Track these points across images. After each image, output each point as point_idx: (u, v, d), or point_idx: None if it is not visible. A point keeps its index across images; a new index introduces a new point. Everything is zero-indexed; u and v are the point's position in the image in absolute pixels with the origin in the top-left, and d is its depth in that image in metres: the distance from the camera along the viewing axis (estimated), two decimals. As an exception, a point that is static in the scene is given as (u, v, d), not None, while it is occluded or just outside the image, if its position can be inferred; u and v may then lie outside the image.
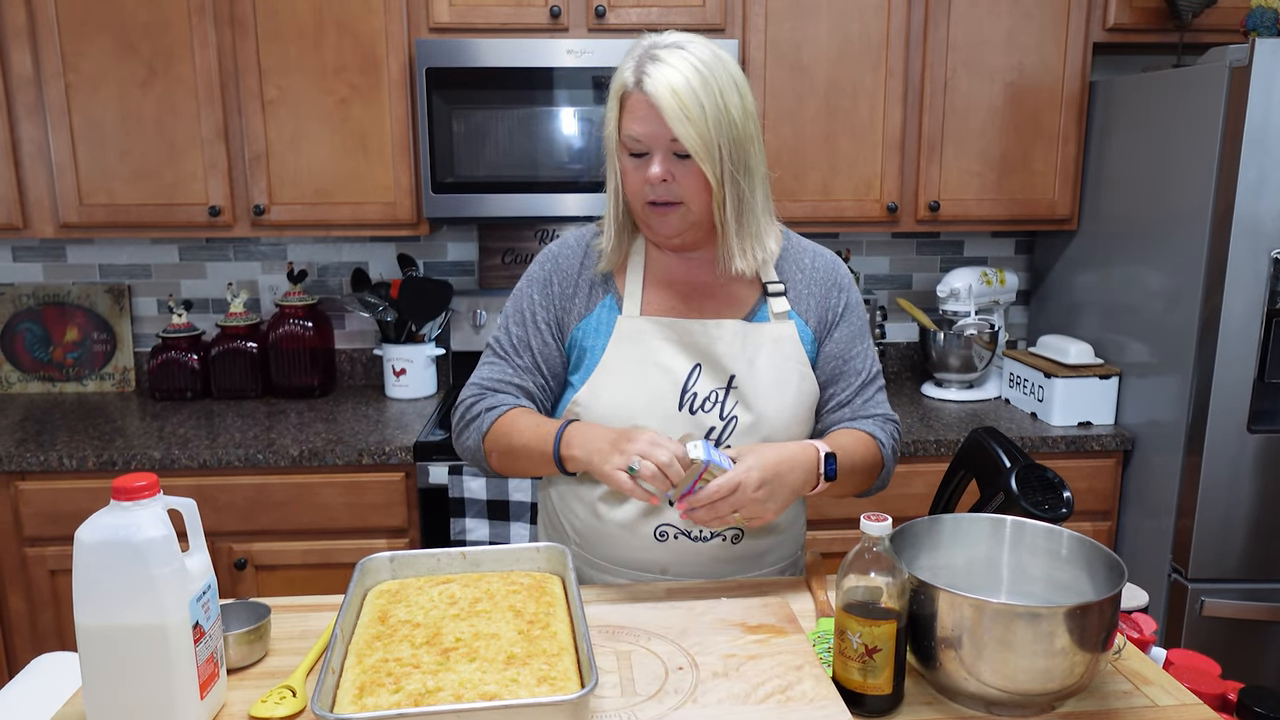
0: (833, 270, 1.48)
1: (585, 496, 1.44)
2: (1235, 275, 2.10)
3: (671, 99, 1.25)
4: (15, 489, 2.26)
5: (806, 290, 1.45)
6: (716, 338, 1.39)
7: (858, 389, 1.46)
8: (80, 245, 2.85)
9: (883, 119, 2.55)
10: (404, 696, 0.97)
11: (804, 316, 1.44)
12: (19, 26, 2.37)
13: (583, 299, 1.44)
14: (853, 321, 1.47)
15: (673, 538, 1.41)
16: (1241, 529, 2.21)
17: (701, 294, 1.43)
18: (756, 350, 1.40)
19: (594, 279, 1.45)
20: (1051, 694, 1.04)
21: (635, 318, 1.41)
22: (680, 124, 1.25)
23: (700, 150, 1.27)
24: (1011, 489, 1.33)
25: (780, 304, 1.43)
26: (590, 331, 1.43)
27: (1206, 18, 2.49)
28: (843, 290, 1.47)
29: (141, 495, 1.00)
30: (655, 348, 1.39)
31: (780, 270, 1.45)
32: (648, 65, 1.28)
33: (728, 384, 1.39)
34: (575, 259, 1.46)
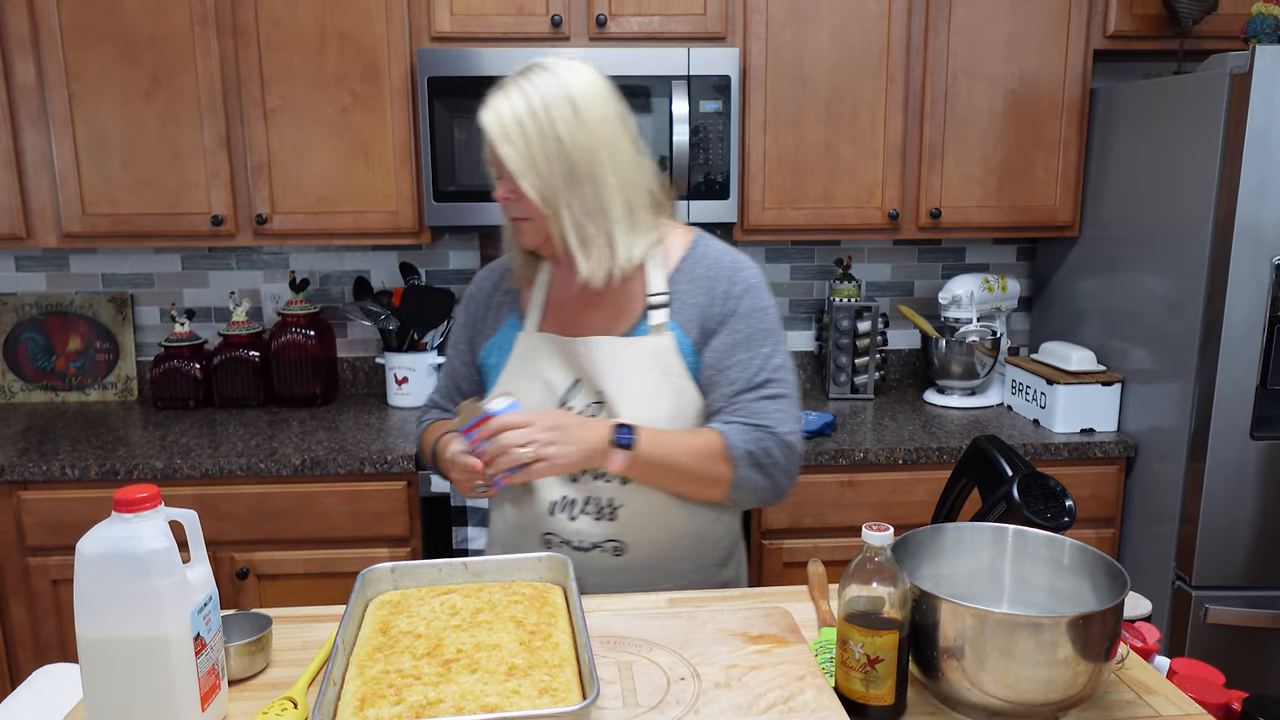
0: (726, 279, 1.44)
1: (493, 503, 1.55)
2: (1237, 282, 2.10)
3: (495, 124, 1.34)
4: (18, 499, 2.27)
5: (691, 300, 1.43)
6: (585, 355, 1.42)
7: (730, 397, 1.41)
8: (83, 255, 2.86)
9: (884, 126, 2.55)
10: (405, 708, 0.97)
11: (685, 327, 1.43)
12: (23, 36, 2.38)
13: (492, 319, 1.54)
14: (737, 329, 1.42)
15: (556, 545, 1.45)
16: (1245, 536, 2.20)
17: (592, 308, 1.46)
18: (629, 365, 1.41)
19: (503, 299, 1.54)
20: (1054, 704, 1.04)
21: (532, 334, 1.49)
22: (503, 146, 1.34)
23: (520, 170, 1.34)
24: (1013, 497, 1.33)
25: (659, 316, 1.42)
26: (495, 349, 1.52)
27: (1207, 24, 2.49)
28: (731, 298, 1.43)
29: (143, 507, 1.00)
30: (543, 363, 1.46)
31: (672, 281, 1.45)
32: (493, 93, 1.37)
33: (600, 398, 1.42)
34: (489, 281, 1.57)
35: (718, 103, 2.43)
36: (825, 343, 2.89)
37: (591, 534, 1.43)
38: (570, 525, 1.43)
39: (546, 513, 1.44)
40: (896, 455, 2.37)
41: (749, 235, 2.60)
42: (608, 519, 1.43)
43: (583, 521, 1.43)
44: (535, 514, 1.45)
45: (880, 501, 2.40)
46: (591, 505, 1.42)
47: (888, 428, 2.54)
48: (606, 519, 1.43)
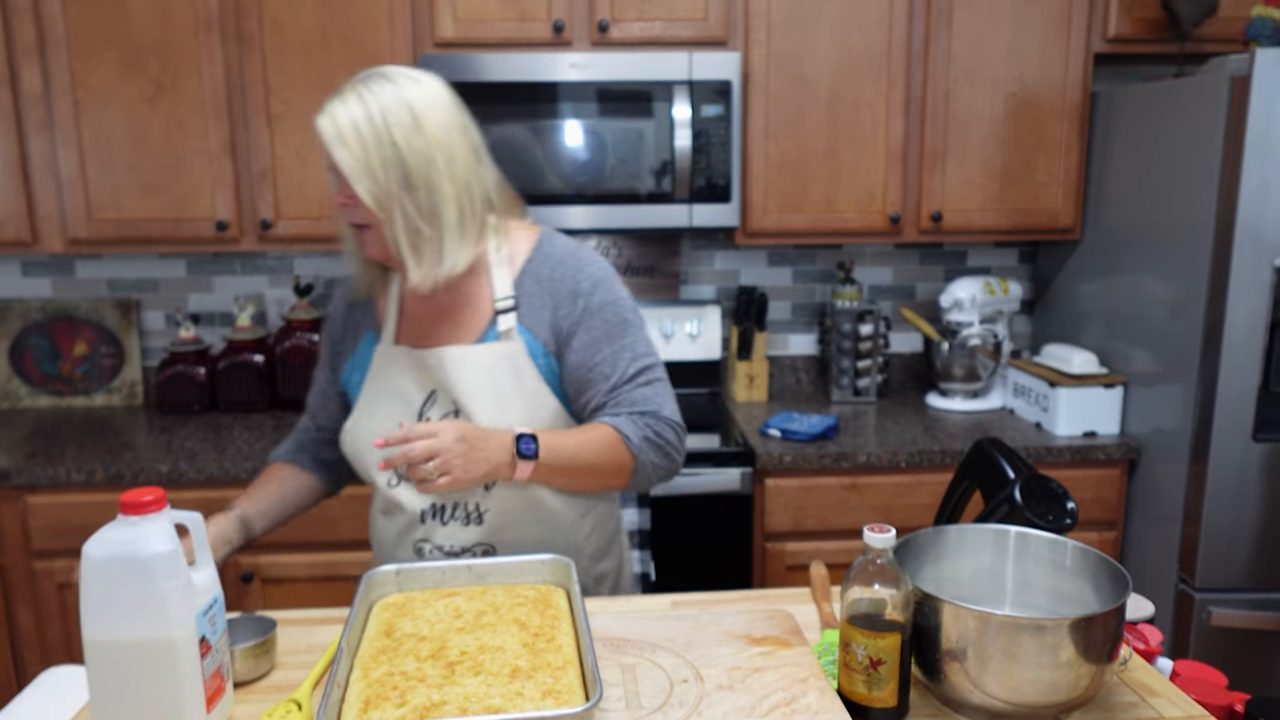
0: (572, 278, 1.44)
1: (369, 516, 1.54)
2: (1239, 284, 2.10)
3: (330, 129, 1.33)
4: (24, 503, 2.27)
5: (540, 303, 1.43)
6: (436, 366, 1.42)
7: (608, 392, 1.43)
8: (89, 260, 2.87)
9: (885, 130, 2.55)
10: (409, 710, 0.98)
11: (534, 331, 1.43)
12: (29, 44, 2.39)
13: (351, 337, 1.54)
14: (594, 326, 1.43)
15: (428, 553, 1.45)
16: (1248, 538, 2.20)
17: (443, 318, 1.46)
18: (480, 373, 1.40)
19: (360, 316, 1.53)
20: (1057, 706, 1.04)
21: (387, 347, 1.47)
22: (337, 150, 1.32)
23: (355, 174, 1.32)
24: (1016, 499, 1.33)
25: (507, 321, 1.42)
26: (355, 367, 1.52)
27: (1207, 28, 2.49)
28: (580, 296, 1.43)
29: (148, 510, 1.00)
30: (398, 377, 1.45)
31: (519, 284, 1.44)
32: (330, 99, 1.36)
33: (455, 407, 1.42)
34: (344, 299, 1.57)
35: (719, 107, 2.44)
36: (827, 346, 2.89)
37: (462, 539, 1.44)
38: (441, 531, 1.44)
39: (418, 520, 1.44)
40: (899, 458, 2.37)
41: (751, 239, 2.61)
42: (475, 524, 1.43)
43: (452, 527, 1.43)
44: (407, 522, 1.45)
45: (882, 504, 2.40)
46: (460, 511, 1.43)
47: (890, 431, 2.54)
48: (475, 524, 1.43)
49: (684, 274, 2.97)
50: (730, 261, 2.97)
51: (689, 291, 2.98)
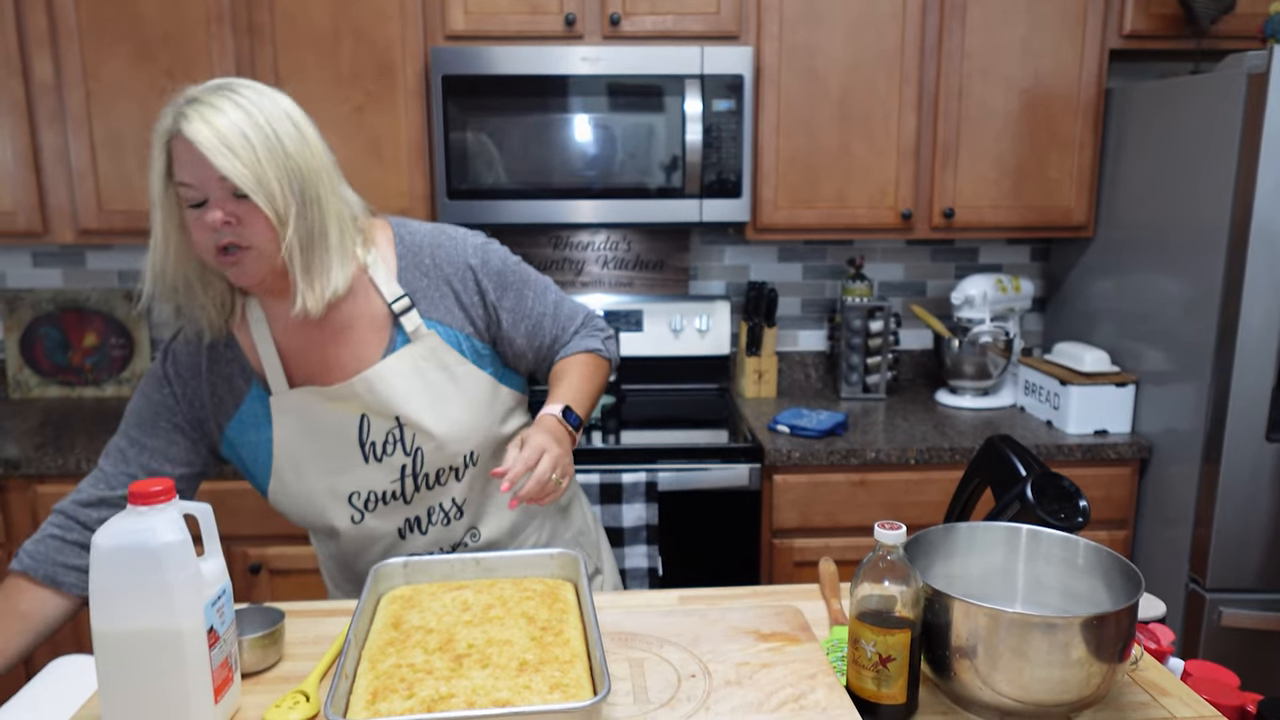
0: (457, 255, 1.41)
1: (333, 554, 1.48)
2: (1253, 282, 2.09)
3: (212, 136, 1.18)
4: (34, 492, 2.28)
5: (437, 292, 1.39)
6: (364, 390, 1.34)
7: (553, 324, 1.49)
8: (99, 251, 2.87)
9: (897, 126, 2.54)
10: (417, 702, 0.98)
11: (444, 320, 1.39)
12: (41, 35, 2.40)
13: (224, 397, 1.38)
14: (508, 285, 1.43)
15: None
16: (1260, 539, 2.19)
17: (335, 345, 1.37)
18: (407, 380, 1.36)
19: (227, 370, 1.37)
20: (1068, 705, 1.03)
21: (285, 393, 1.36)
22: (225, 159, 1.18)
23: (251, 184, 1.19)
24: (1027, 497, 1.32)
25: (412, 320, 1.37)
26: (246, 427, 1.38)
27: (1224, 24, 2.47)
28: (470, 268, 1.41)
29: (157, 500, 1.00)
30: (318, 415, 1.36)
31: (403, 280, 1.38)
32: (186, 108, 1.20)
33: (397, 423, 1.37)
34: (193, 359, 1.38)
35: (731, 102, 2.43)
36: (837, 342, 2.88)
37: (449, 537, 1.44)
38: (424, 540, 1.43)
39: (397, 538, 1.42)
40: (908, 455, 2.36)
41: (761, 235, 2.60)
42: (457, 517, 1.44)
43: (434, 532, 1.43)
44: (386, 547, 1.43)
45: (892, 501, 2.39)
46: (437, 514, 1.42)
47: (899, 428, 2.53)
48: (456, 518, 1.44)
49: (693, 269, 2.96)
50: (740, 257, 2.96)
51: (698, 287, 2.98)
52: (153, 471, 1.36)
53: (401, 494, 1.40)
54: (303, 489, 1.38)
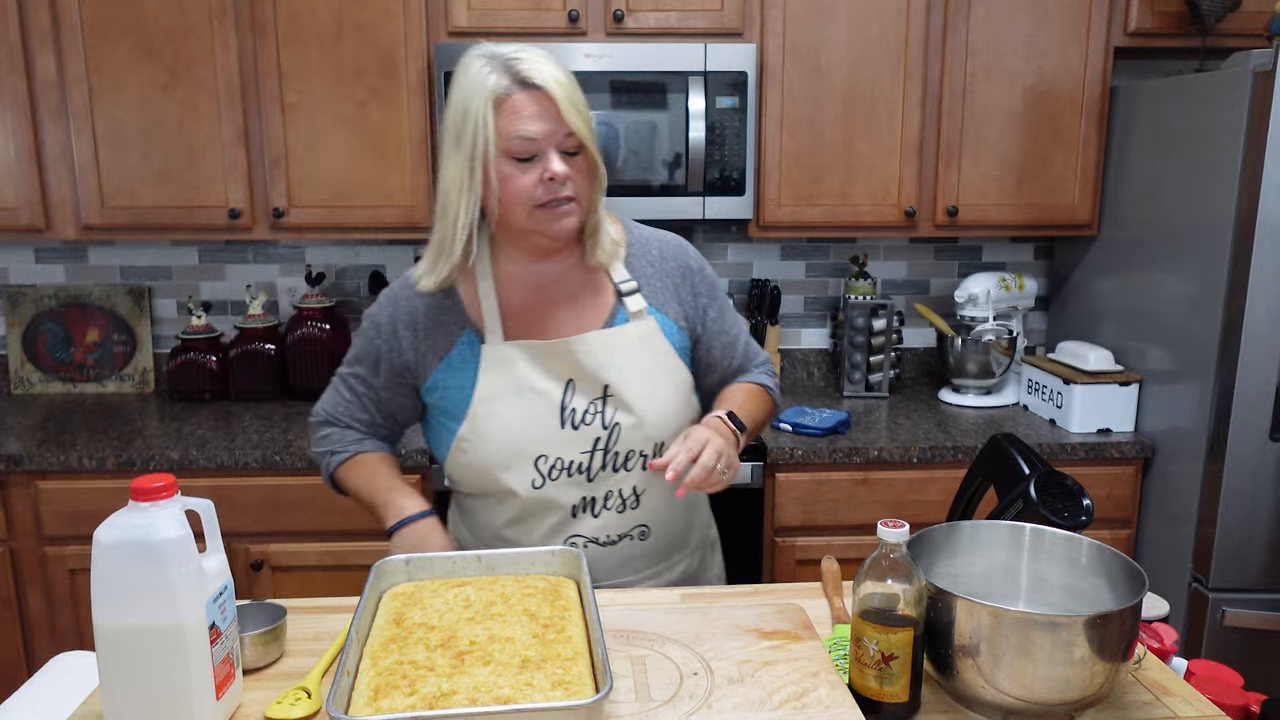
0: (681, 255, 1.49)
1: (492, 525, 1.47)
2: (1258, 281, 2.08)
3: (561, 91, 1.27)
4: (35, 488, 2.28)
5: (660, 283, 1.46)
6: (581, 352, 1.38)
7: (743, 353, 1.55)
8: (102, 247, 2.88)
9: (901, 123, 2.54)
10: (419, 699, 0.98)
11: (664, 310, 1.45)
12: (44, 30, 2.40)
13: (437, 342, 1.42)
14: (716, 296, 1.52)
15: (583, 547, 1.43)
16: (1263, 538, 2.18)
17: (560, 307, 1.42)
18: (623, 354, 1.40)
19: (445, 318, 1.42)
20: (1070, 704, 1.03)
21: (499, 345, 1.39)
22: (573, 115, 1.27)
23: (588, 139, 1.30)
24: (1030, 496, 1.32)
25: (636, 302, 1.43)
26: (454, 371, 1.41)
27: (1229, 22, 2.46)
28: (693, 271, 1.49)
29: (160, 496, 1.00)
30: (525, 372, 1.39)
31: (630, 267, 1.45)
32: (521, 66, 1.27)
33: (603, 393, 1.39)
34: (415, 304, 1.43)
35: (734, 99, 2.43)
36: (840, 340, 2.88)
37: (618, 526, 1.43)
38: (595, 523, 1.42)
39: (569, 517, 1.42)
40: (911, 454, 2.36)
41: (764, 232, 2.60)
42: (632, 508, 1.43)
43: (605, 517, 1.42)
44: (557, 521, 1.42)
45: (894, 500, 2.39)
46: (614, 499, 1.42)
47: (902, 426, 2.53)
48: (631, 508, 1.43)
49: (696, 267, 2.96)
50: (743, 254, 2.96)
51: (701, 284, 2.97)
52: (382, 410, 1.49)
53: (587, 469, 1.40)
54: (492, 444, 1.39)
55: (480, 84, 1.27)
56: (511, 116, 1.26)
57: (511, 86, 1.26)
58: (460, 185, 1.30)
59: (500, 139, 1.27)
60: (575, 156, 1.31)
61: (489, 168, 1.29)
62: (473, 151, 1.28)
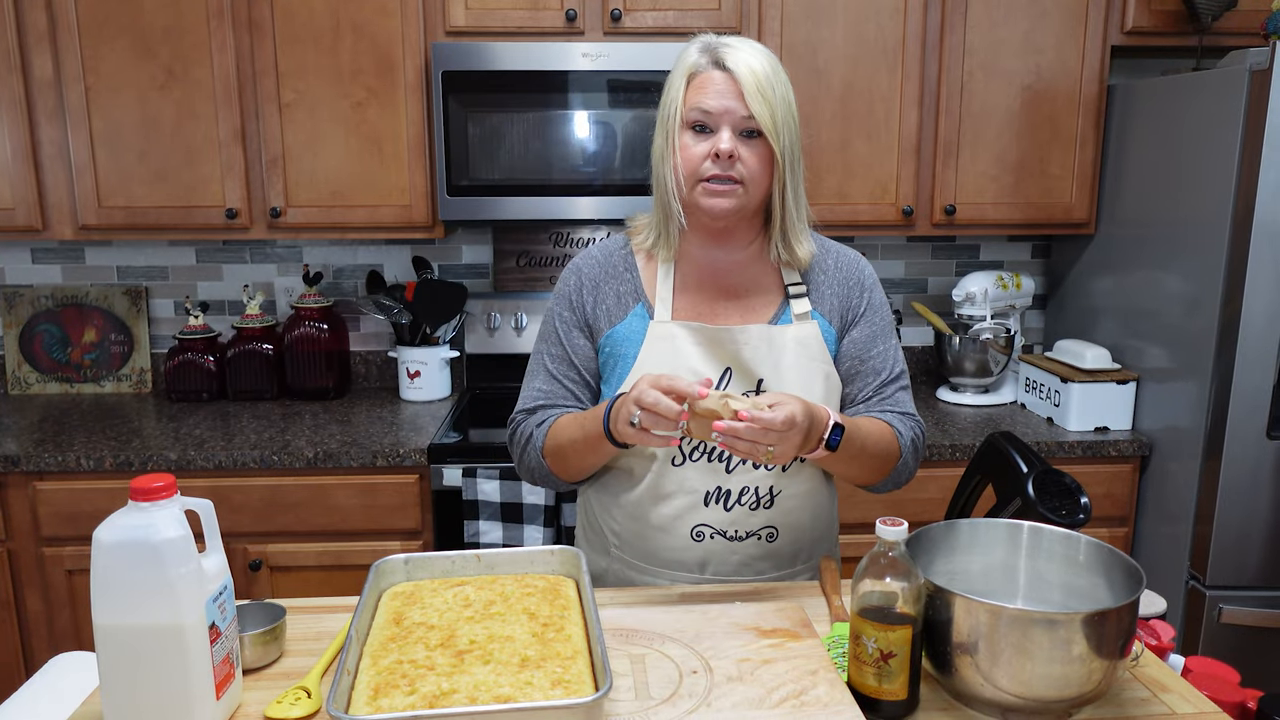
0: (856, 270, 1.51)
1: (624, 500, 1.47)
2: (1255, 280, 2.09)
3: (750, 76, 1.32)
4: (33, 489, 2.28)
5: (829, 290, 1.48)
6: (743, 342, 1.41)
7: (876, 388, 1.47)
8: (98, 247, 2.87)
9: (899, 122, 2.54)
10: (419, 698, 0.98)
11: (827, 317, 1.47)
12: (40, 30, 2.39)
13: (612, 307, 1.47)
14: (874, 321, 1.49)
15: (709, 537, 1.43)
16: (1260, 536, 2.19)
17: (728, 298, 1.46)
18: (781, 353, 1.42)
19: (621, 289, 1.47)
20: (1068, 701, 1.03)
21: (666, 323, 1.43)
22: (757, 100, 1.31)
23: (771, 127, 1.32)
24: (1028, 494, 1.32)
25: (802, 305, 1.45)
26: (621, 339, 1.45)
27: (1226, 21, 2.47)
28: (865, 290, 1.50)
29: (159, 496, 1.00)
30: (687, 352, 1.41)
31: (803, 272, 1.48)
32: (721, 49, 1.35)
33: (757, 387, 1.41)
34: (599, 269, 1.49)
35: (732, 98, 2.42)
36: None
37: (747, 523, 1.43)
38: (725, 516, 1.42)
39: (700, 504, 1.42)
40: (909, 452, 2.36)
41: (762, 231, 2.59)
42: (765, 507, 1.43)
43: (738, 512, 1.42)
44: (686, 506, 1.42)
45: (892, 498, 2.39)
46: (748, 495, 1.42)
47: (900, 425, 2.53)
48: (764, 507, 1.43)
49: (694, 266, 2.96)
50: (741, 253, 2.96)
51: (699, 283, 2.97)
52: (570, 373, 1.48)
53: (728, 458, 1.40)
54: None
55: (683, 61, 1.38)
56: (698, 91, 1.35)
57: (706, 65, 1.35)
58: (661, 154, 1.40)
59: (684, 109, 1.36)
60: (754, 141, 1.34)
61: (674, 136, 1.37)
62: (667, 121, 1.38)
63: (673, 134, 1.37)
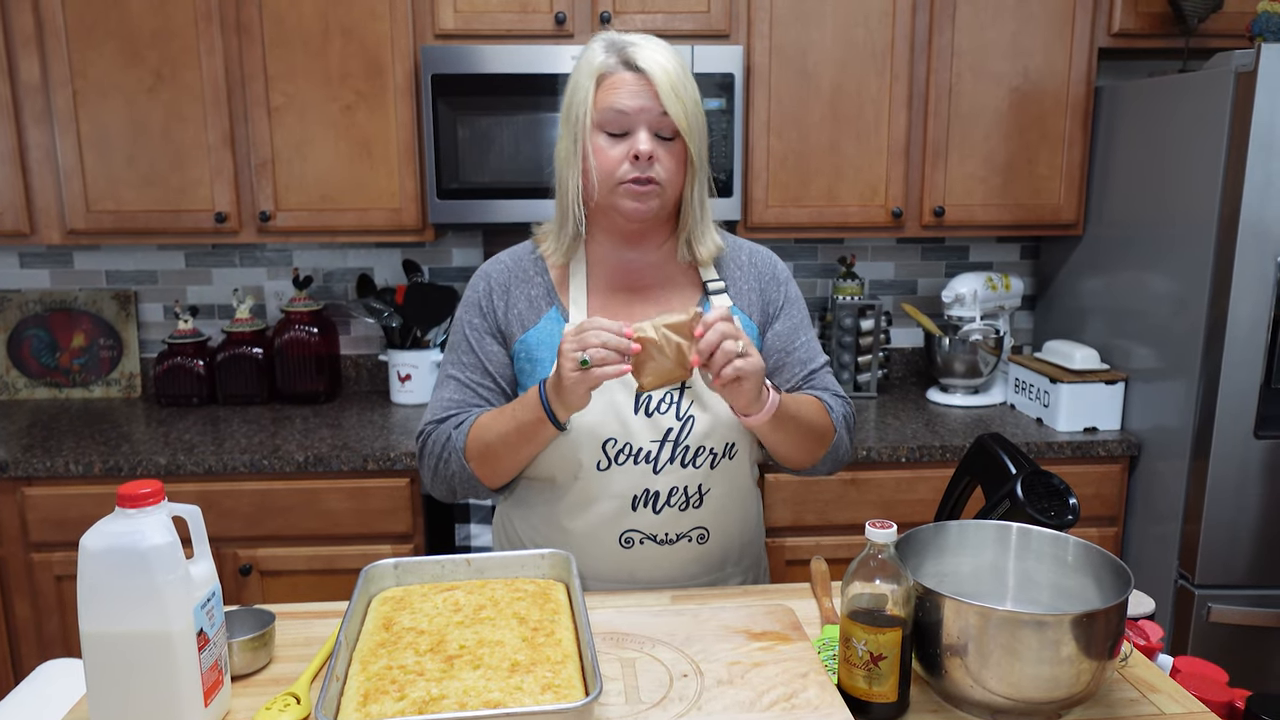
0: (770, 265, 1.51)
1: (545, 512, 1.45)
2: (1242, 280, 2.10)
3: (664, 76, 1.30)
4: (21, 495, 2.27)
5: (746, 285, 1.48)
6: None
7: (804, 377, 1.49)
8: (87, 251, 2.86)
9: (888, 124, 2.54)
10: (408, 704, 0.97)
11: (747, 311, 1.47)
12: (27, 34, 2.38)
13: (524, 311, 1.44)
14: (793, 314, 1.50)
15: (639, 543, 1.41)
16: (1248, 535, 2.20)
17: (644, 298, 1.45)
18: None
19: (533, 293, 1.45)
20: (1058, 702, 1.04)
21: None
22: (672, 100, 1.30)
23: (686, 127, 1.32)
24: (1017, 495, 1.33)
25: (722, 300, 1.45)
26: (536, 344, 1.42)
27: (1212, 23, 2.48)
28: (781, 284, 1.51)
29: (146, 502, 1.00)
30: None
31: (719, 268, 1.48)
32: (629, 49, 1.33)
33: (680, 385, 1.39)
34: (508, 274, 1.47)
35: (721, 100, 2.43)
36: (828, 341, 2.89)
37: (678, 525, 1.41)
38: (655, 519, 1.40)
39: (628, 508, 1.39)
40: (899, 453, 2.37)
41: (752, 233, 2.60)
42: (694, 507, 1.41)
43: (668, 514, 1.40)
44: (613, 512, 1.40)
45: (883, 500, 2.40)
46: (677, 495, 1.40)
47: (891, 426, 2.53)
48: (694, 507, 1.41)
49: (685, 268, 2.96)
50: (731, 256, 2.96)
51: (689, 286, 2.97)
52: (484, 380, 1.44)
53: (654, 459, 1.38)
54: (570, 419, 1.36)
55: (589, 61, 1.35)
56: (609, 92, 1.32)
57: (616, 66, 1.33)
58: (567, 158, 1.38)
59: (596, 112, 1.33)
60: (670, 142, 1.34)
61: (586, 140, 1.34)
62: (575, 124, 1.35)
63: (583, 137, 1.34)
